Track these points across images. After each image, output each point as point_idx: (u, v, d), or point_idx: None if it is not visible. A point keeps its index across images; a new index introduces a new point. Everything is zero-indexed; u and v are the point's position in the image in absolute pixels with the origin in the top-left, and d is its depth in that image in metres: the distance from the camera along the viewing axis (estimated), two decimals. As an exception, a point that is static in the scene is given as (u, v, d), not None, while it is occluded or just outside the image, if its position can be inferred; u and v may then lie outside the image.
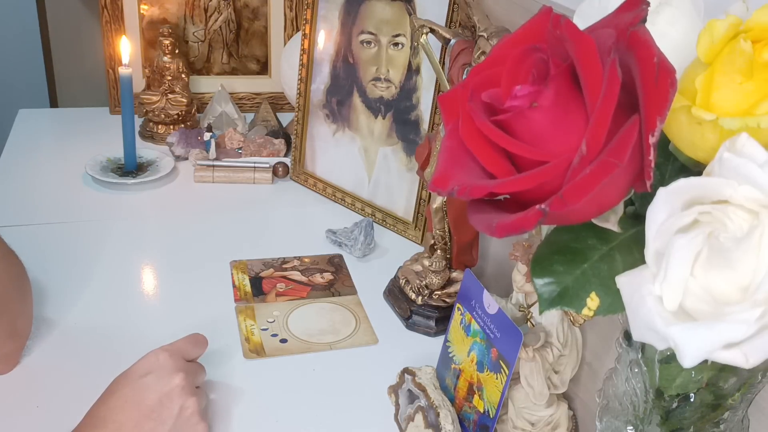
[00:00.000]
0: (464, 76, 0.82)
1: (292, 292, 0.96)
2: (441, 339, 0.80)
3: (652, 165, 0.34)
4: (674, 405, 0.47)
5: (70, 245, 1.01)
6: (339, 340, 0.88)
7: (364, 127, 1.12)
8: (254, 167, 1.22)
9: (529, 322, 0.72)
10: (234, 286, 0.96)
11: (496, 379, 0.68)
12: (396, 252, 1.04)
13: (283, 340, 0.87)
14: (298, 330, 0.89)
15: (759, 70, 0.35)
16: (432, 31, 0.86)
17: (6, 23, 1.51)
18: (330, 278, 0.99)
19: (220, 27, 1.40)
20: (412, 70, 1.05)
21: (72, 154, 1.24)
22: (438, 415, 0.69)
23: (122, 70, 1.15)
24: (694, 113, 0.36)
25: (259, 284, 0.96)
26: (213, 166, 1.21)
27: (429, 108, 1.03)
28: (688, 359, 0.33)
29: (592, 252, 0.41)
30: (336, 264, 1.02)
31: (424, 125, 1.04)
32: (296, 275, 0.99)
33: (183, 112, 1.31)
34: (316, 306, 0.94)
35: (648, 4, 0.36)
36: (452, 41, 0.85)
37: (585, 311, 0.40)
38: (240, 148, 1.28)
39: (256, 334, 0.87)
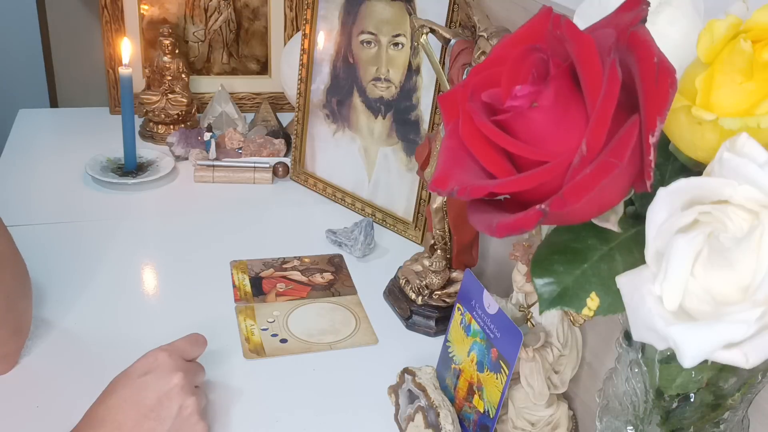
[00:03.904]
0: (464, 76, 0.82)
1: (292, 292, 0.95)
2: (441, 339, 0.80)
3: (652, 165, 0.34)
4: (674, 405, 0.47)
5: (70, 245, 1.01)
6: (339, 340, 0.88)
7: (364, 127, 1.12)
8: (254, 167, 1.22)
9: (529, 322, 0.72)
10: (234, 286, 0.96)
11: (496, 379, 0.68)
12: (396, 252, 1.04)
13: (283, 340, 0.87)
14: (298, 330, 0.89)
15: (759, 70, 0.35)
16: (432, 31, 0.86)
17: (6, 23, 1.51)
18: (330, 278, 0.99)
19: (220, 27, 1.40)
20: (412, 70, 1.05)
21: (72, 154, 1.24)
22: (438, 415, 0.69)
23: (122, 70, 1.15)
24: (694, 113, 0.36)
25: (259, 284, 0.96)
26: (213, 166, 1.21)
27: (429, 108, 1.03)
28: (688, 359, 0.33)
29: (592, 252, 0.41)
30: (336, 264, 1.02)
31: (424, 125, 1.04)
32: (296, 275, 0.99)
33: (183, 112, 1.31)
34: (316, 306, 0.94)
35: (648, 4, 0.36)
36: (452, 41, 0.85)
37: (585, 311, 0.40)
38: (240, 148, 1.28)
39: (256, 334, 0.87)
